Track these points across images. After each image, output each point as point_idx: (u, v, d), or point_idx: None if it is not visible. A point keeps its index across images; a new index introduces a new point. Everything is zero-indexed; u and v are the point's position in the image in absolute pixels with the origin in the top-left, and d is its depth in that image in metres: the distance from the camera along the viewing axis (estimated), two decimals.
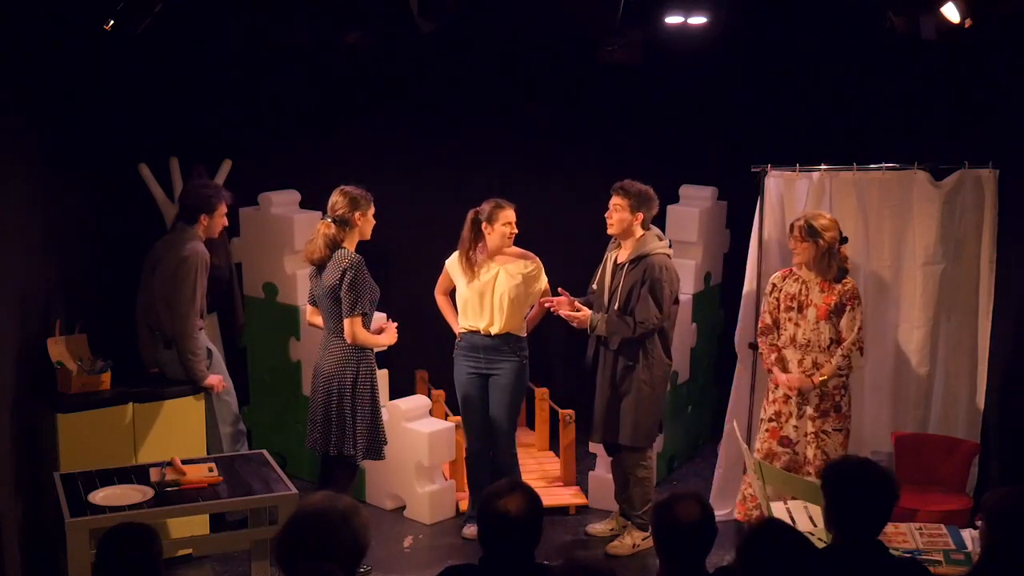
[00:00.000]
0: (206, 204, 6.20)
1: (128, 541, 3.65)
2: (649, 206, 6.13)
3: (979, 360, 6.63)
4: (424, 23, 6.01)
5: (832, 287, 6.06)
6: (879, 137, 7.23)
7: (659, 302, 6.01)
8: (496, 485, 3.73)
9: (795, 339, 6.14)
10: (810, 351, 6.10)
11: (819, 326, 6.06)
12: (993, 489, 4.11)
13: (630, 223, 6.09)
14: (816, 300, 6.08)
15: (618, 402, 6.15)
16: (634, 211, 6.08)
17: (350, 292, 5.65)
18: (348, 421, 5.76)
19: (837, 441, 6.09)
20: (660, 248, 6.12)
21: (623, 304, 6.07)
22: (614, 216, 6.11)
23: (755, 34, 7.57)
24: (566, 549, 6.36)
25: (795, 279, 6.18)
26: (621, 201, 6.09)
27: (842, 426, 6.12)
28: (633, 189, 6.09)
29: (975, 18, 5.60)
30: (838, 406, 6.11)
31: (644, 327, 6.02)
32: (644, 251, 6.07)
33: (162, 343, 6.18)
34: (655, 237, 6.16)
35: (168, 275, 6.07)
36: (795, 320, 6.14)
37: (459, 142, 7.81)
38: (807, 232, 6.00)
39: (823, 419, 6.09)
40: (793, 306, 6.15)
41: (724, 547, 4.39)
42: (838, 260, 6.05)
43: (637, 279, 6.03)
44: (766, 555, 3.52)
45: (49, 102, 6.26)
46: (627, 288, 6.06)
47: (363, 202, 5.79)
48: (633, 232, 6.12)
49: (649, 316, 6.00)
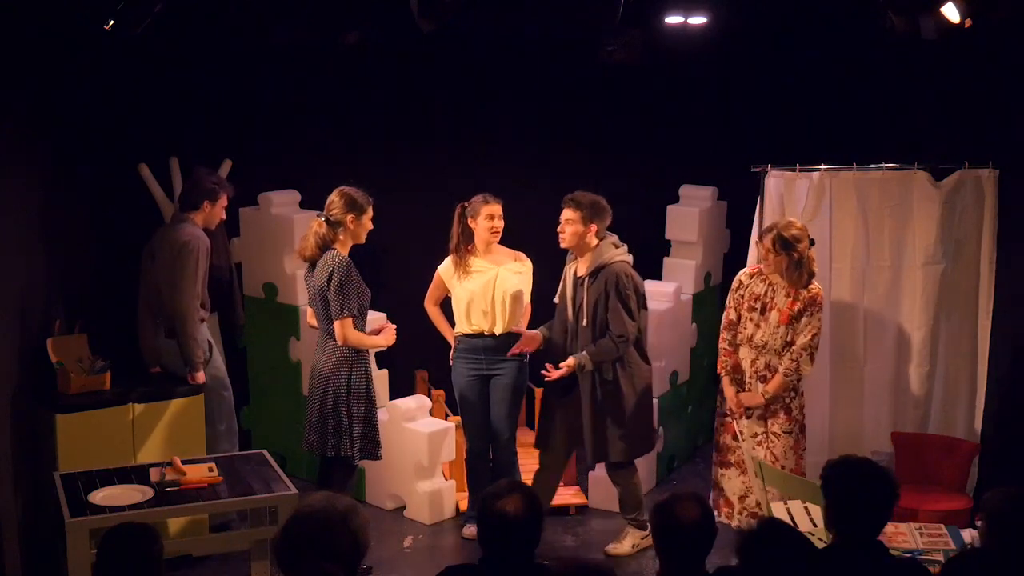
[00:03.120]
0: (210, 192, 6.26)
1: (129, 541, 3.66)
2: (602, 216, 5.98)
3: (979, 360, 6.63)
4: (424, 23, 6.01)
5: (798, 293, 6.00)
6: (879, 137, 7.24)
7: (630, 312, 5.92)
8: (496, 486, 3.73)
9: (752, 339, 6.11)
10: (765, 353, 6.07)
11: (779, 330, 6.01)
12: (993, 489, 4.10)
13: (583, 235, 5.96)
14: (780, 304, 6.03)
15: (605, 420, 6.03)
16: (586, 223, 5.93)
17: (337, 295, 5.65)
18: (344, 421, 5.76)
19: (787, 444, 6.04)
20: (618, 256, 6.00)
21: (591, 319, 5.96)
22: (567, 230, 5.96)
23: (755, 34, 7.57)
24: (566, 549, 6.36)
25: (763, 279, 6.13)
26: (573, 214, 5.95)
27: (791, 428, 6.06)
28: (584, 200, 5.95)
29: (975, 18, 5.60)
30: (787, 408, 6.06)
31: (624, 341, 5.92)
32: (602, 261, 5.95)
33: (163, 331, 6.18)
34: (611, 246, 6.02)
35: (169, 260, 6.09)
36: (756, 321, 6.10)
37: (459, 142, 7.81)
38: (781, 245, 5.92)
39: (772, 420, 6.08)
40: (756, 307, 6.10)
41: (724, 547, 4.38)
42: (808, 268, 5.98)
43: (600, 292, 5.93)
44: (766, 555, 3.52)
45: (49, 102, 6.25)
46: (592, 302, 5.95)
47: (360, 205, 5.76)
48: (588, 244, 5.99)
49: (626, 328, 5.91)
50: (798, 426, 6.10)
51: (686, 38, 7.22)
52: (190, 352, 6.11)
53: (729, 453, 6.25)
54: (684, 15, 6.98)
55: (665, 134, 8.01)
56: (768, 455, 6.05)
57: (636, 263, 6.10)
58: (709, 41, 7.31)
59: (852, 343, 6.68)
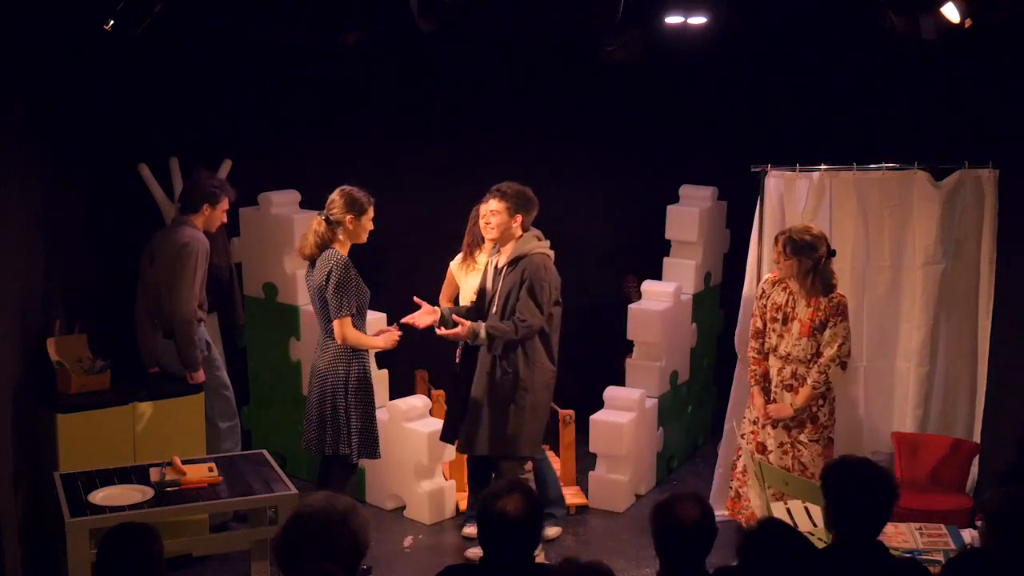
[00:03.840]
0: (211, 196, 6.26)
1: (129, 541, 3.66)
2: (528, 208, 5.91)
3: (979, 360, 6.63)
4: (424, 23, 6.02)
5: (818, 302, 5.91)
6: (879, 137, 7.23)
7: (539, 302, 5.79)
8: (495, 486, 3.73)
9: (777, 349, 6.06)
10: (791, 362, 6.01)
11: (801, 341, 5.95)
12: (993, 489, 4.11)
13: (509, 226, 5.89)
14: (801, 315, 5.96)
15: (496, 411, 5.88)
16: (512, 214, 5.86)
17: (335, 294, 5.64)
18: (342, 420, 5.75)
19: (815, 451, 5.98)
20: (539, 248, 5.92)
21: (502, 306, 5.86)
22: (492, 220, 5.89)
23: (755, 34, 7.57)
24: (566, 549, 6.36)
25: (783, 288, 6.06)
26: (499, 204, 5.87)
27: (819, 436, 6.00)
28: (510, 191, 5.89)
29: (975, 18, 5.60)
30: (814, 417, 6.00)
31: (527, 327, 5.77)
32: (523, 252, 5.87)
33: (161, 333, 6.18)
34: (534, 237, 5.94)
35: (168, 261, 6.09)
36: (779, 332, 6.04)
37: (459, 142, 7.81)
38: (792, 249, 5.85)
39: (798, 429, 6.01)
40: (779, 317, 6.04)
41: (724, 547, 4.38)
42: (823, 276, 5.89)
43: (516, 281, 5.82)
44: (766, 555, 3.52)
45: (49, 102, 6.26)
46: (506, 290, 5.85)
47: (360, 205, 5.74)
48: (512, 234, 5.91)
49: (531, 316, 5.77)
50: (827, 432, 6.02)
51: (686, 38, 7.22)
52: (188, 353, 6.11)
53: None
54: (684, 15, 6.98)
55: (665, 134, 8.01)
56: (795, 464, 5.98)
57: (636, 263, 6.11)
58: (709, 41, 7.31)
59: (852, 343, 6.67)
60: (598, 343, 7.62)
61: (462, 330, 5.78)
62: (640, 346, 7.12)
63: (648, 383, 7.06)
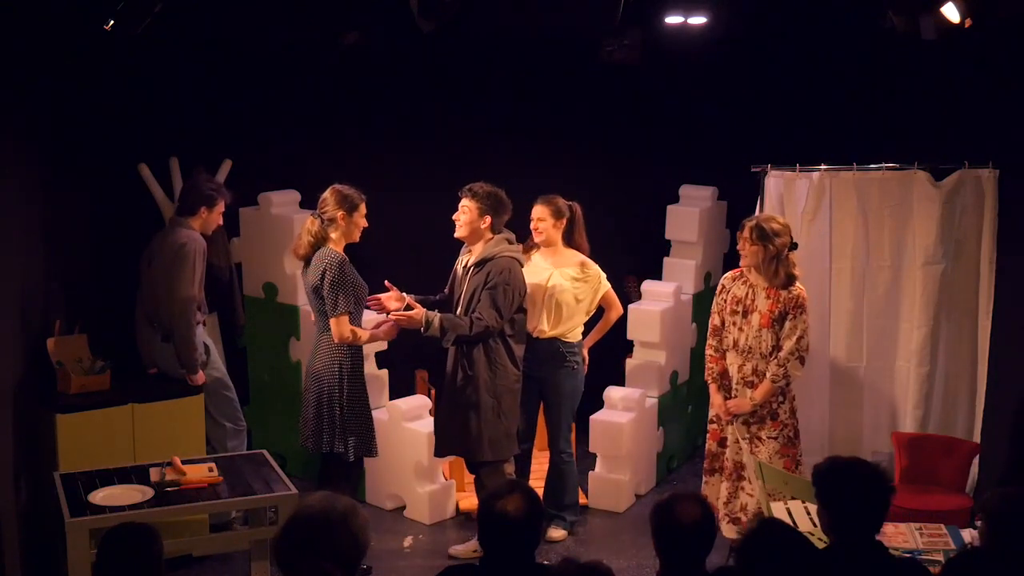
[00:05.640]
0: (208, 199, 6.25)
1: (129, 541, 3.65)
2: (498, 210, 5.88)
3: (979, 360, 6.63)
4: (424, 23, 6.02)
5: (778, 294, 5.92)
6: (879, 137, 7.23)
7: (498, 305, 5.74)
8: (496, 485, 3.73)
9: (737, 343, 6.05)
10: (751, 357, 6.00)
11: (761, 333, 5.95)
12: (993, 489, 4.10)
13: (477, 226, 5.87)
14: (761, 307, 5.96)
15: (459, 415, 5.86)
16: (482, 214, 5.84)
17: (331, 292, 5.63)
18: (338, 418, 5.75)
19: (772, 449, 5.97)
20: (508, 251, 5.88)
21: (466, 306, 5.81)
22: (461, 219, 5.88)
23: (755, 34, 7.57)
24: (566, 549, 6.36)
25: (744, 282, 6.06)
26: (469, 203, 5.86)
27: (778, 434, 5.98)
28: (482, 191, 5.86)
29: (975, 18, 5.60)
30: (774, 414, 5.99)
31: (481, 324, 5.71)
32: (491, 254, 5.84)
33: (160, 336, 6.18)
34: (504, 241, 5.90)
35: (166, 263, 6.09)
36: (739, 325, 6.04)
37: (459, 142, 7.81)
38: (758, 235, 5.88)
39: (758, 425, 6.01)
40: (738, 310, 6.04)
41: (724, 547, 4.38)
42: (786, 266, 5.91)
43: (481, 282, 5.78)
44: (766, 555, 3.52)
45: (49, 102, 6.26)
46: (470, 291, 5.82)
47: (352, 202, 5.72)
48: (481, 235, 5.89)
49: (488, 315, 5.71)
50: (787, 431, 6.00)
51: (686, 38, 7.22)
52: (187, 355, 6.10)
53: (713, 460, 6.21)
54: (684, 15, 6.98)
55: (665, 134, 8.01)
56: (753, 461, 5.98)
57: (636, 263, 6.10)
58: (709, 41, 7.31)
59: (852, 343, 6.68)
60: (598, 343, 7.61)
61: (416, 314, 5.72)
62: (640, 346, 7.13)
63: (648, 383, 7.06)
